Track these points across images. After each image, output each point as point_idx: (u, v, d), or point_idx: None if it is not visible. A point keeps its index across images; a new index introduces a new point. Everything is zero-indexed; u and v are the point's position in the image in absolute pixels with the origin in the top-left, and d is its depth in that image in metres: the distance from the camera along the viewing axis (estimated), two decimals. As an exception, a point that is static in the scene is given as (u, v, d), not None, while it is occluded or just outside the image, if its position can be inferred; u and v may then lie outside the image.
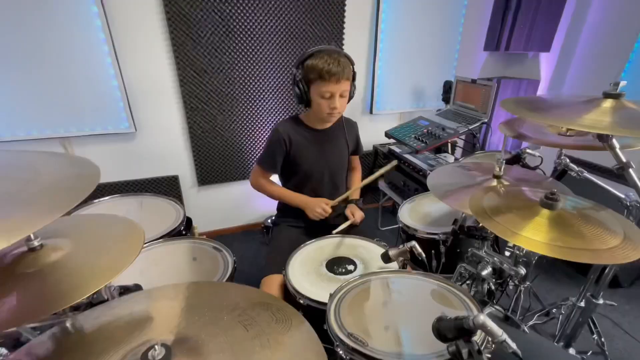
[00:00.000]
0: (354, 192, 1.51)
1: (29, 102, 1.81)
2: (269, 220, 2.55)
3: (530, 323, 1.67)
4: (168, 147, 2.20)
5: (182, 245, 1.28)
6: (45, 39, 1.72)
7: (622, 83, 0.83)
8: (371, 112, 2.60)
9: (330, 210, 1.38)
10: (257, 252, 2.39)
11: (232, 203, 2.53)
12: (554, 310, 1.67)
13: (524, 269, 1.06)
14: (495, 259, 1.08)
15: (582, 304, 1.34)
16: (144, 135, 2.11)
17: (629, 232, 0.69)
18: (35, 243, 0.69)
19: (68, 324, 0.72)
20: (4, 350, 0.83)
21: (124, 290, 0.90)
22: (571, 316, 1.38)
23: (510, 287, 1.68)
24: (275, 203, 1.59)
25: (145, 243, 1.23)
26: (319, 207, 1.37)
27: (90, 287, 0.66)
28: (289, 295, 1.04)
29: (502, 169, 1.03)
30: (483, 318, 0.53)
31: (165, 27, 1.91)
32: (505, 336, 0.52)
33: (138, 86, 1.99)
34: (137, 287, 0.94)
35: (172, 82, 2.05)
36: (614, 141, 0.88)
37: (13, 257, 0.69)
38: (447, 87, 2.40)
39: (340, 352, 0.67)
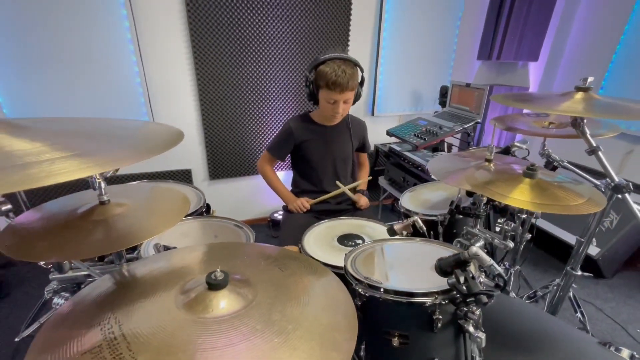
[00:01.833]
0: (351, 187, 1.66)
1: (58, 92, 1.96)
2: (276, 214, 2.68)
3: (520, 305, 1.80)
4: (183, 142, 2.32)
5: (207, 222, 1.41)
6: (78, 38, 1.89)
7: (590, 79, 1.00)
8: (373, 114, 2.77)
9: (308, 206, 1.60)
10: (264, 244, 2.51)
11: (241, 197, 2.66)
12: (540, 294, 1.82)
13: (512, 243, 1.21)
14: (487, 234, 1.23)
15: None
16: (162, 130, 2.25)
17: (593, 196, 0.84)
18: (105, 198, 0.83)
19: (124, 270, 0.85)
20: (60, 301, 0.96)
21: (166, 249, 1.03)
22: (555, 295, 1.53)
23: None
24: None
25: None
26: (299, 202, 1.59)
27: (143, 236, 0.80)
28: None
29: (492, 154, 1.19)
30: (475, 249, 0.67)
31: (186, 30, 2.08)
32: (492, 262, 0.67)
33: (158, 83, 2.14)
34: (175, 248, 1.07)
35: (190, 81, 2.21)
36: (586, 128, 1.05)
37: (88, 208, 0.82)
38: (444, 92, 2.59)
39: (359, 289, 0.81)
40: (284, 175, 2.60)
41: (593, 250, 2.13)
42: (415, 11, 2.57)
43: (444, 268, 0.73)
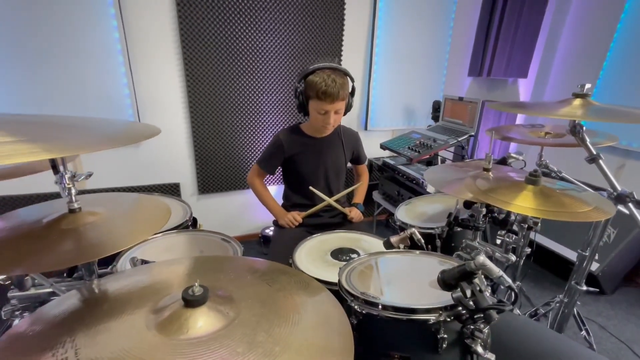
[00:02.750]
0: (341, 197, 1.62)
1: (46, 103, 1.90)
2: (267, 230, 2.59)
3: (522, 323, 1.72)
4: (172, 155, 2.27)
5: (193, 236, 1.33)
6: (68, 48, 1.85)
7: (588, 85, 0.98)
8: (366, 129, 2.76)
9: (300, 220, 1.53)
10: (254, 261, 2.40)
11: (231, 212, 2.57)
12: (542, 311, 1.74)
13: (514, 256, 1.15)
14: (488, 247, 1.17)
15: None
16: (150, 143, 2.19)
17: (599, 203, 0.80)
18: (75, 205, 0.75)
19: (94, 286, 0.77)
20: (17, 321, 0.86)
21: (144, 263, 0.94)
22: (559, 312, 1.46)
23: (502, 287, 1.76)
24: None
25: (161, 232, 1.27)
26: (290, 216, 1.52)
27: (117, 246, 0.72)
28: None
29: (490, 163, 1.15)
30: (482, 258, 0.61)
31: (178, 42, 2.06)
32: (501, 272, 0.61)
33: (148, 95, 2.09)
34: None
35: (180, 93, 2.17)
36: (585, 135, 1.02)
37: (55, 216, 0.74)
38: (436, 106, 2.59)
39: (355, 306, 0.74)
40: (276, 190, 2.53)
41: (593, 265, 2.08)
42: (407, 28, 2.61)
43: (447, 281, 0.67)
